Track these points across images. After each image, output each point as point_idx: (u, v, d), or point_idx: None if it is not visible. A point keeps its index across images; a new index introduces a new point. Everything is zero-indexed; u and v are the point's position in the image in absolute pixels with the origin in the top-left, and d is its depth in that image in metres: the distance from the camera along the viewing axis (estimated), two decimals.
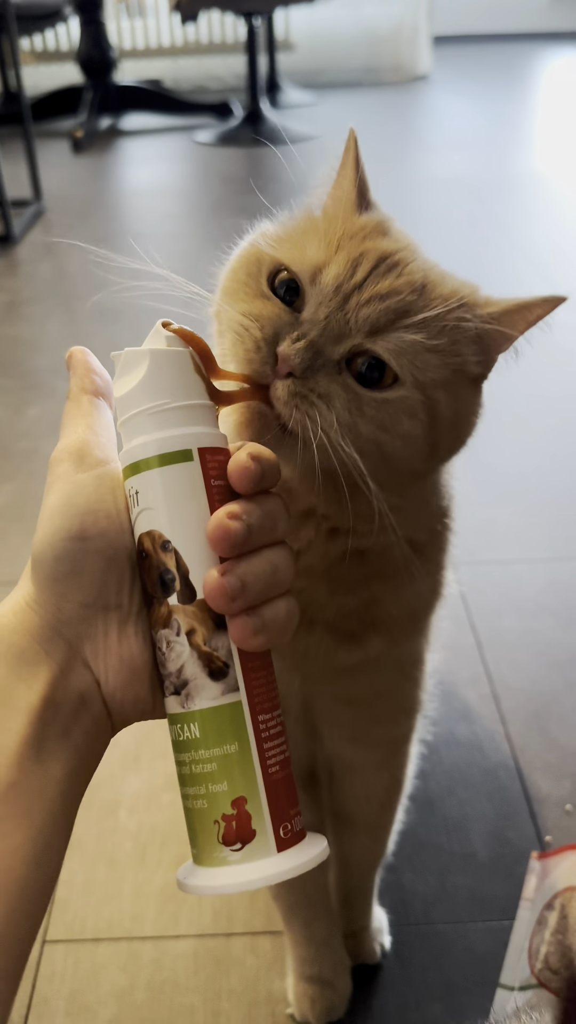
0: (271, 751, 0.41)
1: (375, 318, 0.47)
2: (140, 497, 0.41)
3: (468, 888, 0.91)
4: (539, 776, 1.02)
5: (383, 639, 0.59)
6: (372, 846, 0.80)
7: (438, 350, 0.48)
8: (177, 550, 0.40)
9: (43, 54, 4.70)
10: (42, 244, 2.67)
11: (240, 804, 0.40)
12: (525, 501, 1.48)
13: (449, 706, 1.11)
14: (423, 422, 0.48)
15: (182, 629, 0.40)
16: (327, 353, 0.46)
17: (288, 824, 0.41)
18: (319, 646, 0.58)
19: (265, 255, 0.51)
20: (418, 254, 0.52)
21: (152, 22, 4.69)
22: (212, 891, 0.40)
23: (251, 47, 3.73)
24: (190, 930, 0.88)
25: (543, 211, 2.82)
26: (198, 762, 0.40)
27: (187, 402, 0.41)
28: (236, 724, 0.40)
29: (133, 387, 0.41)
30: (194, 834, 0.41)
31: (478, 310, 0.50)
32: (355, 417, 0.46)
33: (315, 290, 0.47)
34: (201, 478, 0.41)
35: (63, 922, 0.89)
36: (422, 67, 4.76)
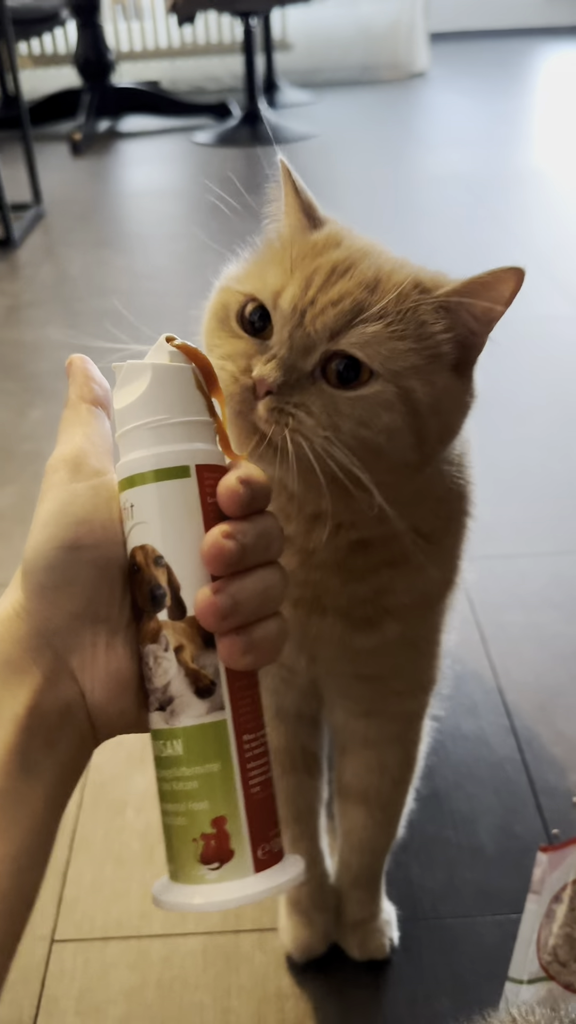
0: (254, 771, 0.41)
1: (331, 323, 0.49)
2: (135, 511, 0.41)
3: (476, 882, 0.91)
4: (546, 769, 1.02)
5: (398, 624, 0.60)
6: (384, 824, 0.80)
7: (403, 336, 0.50)
8: (169, 566, 0.40)
9: (41, 58, 4.71)
10: (42, 247, 2.68)
11: (220, 824, 0.40)
12: (528, 496, 1.48)
13: (455, 701, 1.11)
14: (402, 413, 0.49)
15: (170, 645, 0.40)
16: (299, 367, 0.49)
17: (267, 845, 0.41)
18: (332, 631, 0.59)
19: (231, 297, 0.54)
20: (372, 254, 0.54)
21: (149, 24, 4.69)
22: (188, 908, 0.40)
23: (248, 47, 3.73)
24: (199, 928, 0.88)
25: (542, 207, 2.82)
26: (180, 779, 0.40)
27: (187, 418, 0.41)
28: (220, 743, 0.40)
29: (133, 400, 0.41)
30: (172, 850, 0.41)
31: (437, 292, 0.51)
32: (334, 418, 0.48)
33: (278, 314, 0.50)
34: (197, 495, 0.41)
35: (72, 921, 0.89)
36: (419, 64, 4.76)
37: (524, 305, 2.00)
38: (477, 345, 0.52)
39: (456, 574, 0.64)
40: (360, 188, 3.05)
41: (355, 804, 0.79)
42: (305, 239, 0.55)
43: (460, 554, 0.64)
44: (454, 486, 0.58)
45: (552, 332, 2.00)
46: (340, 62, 4.78)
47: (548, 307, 2.10)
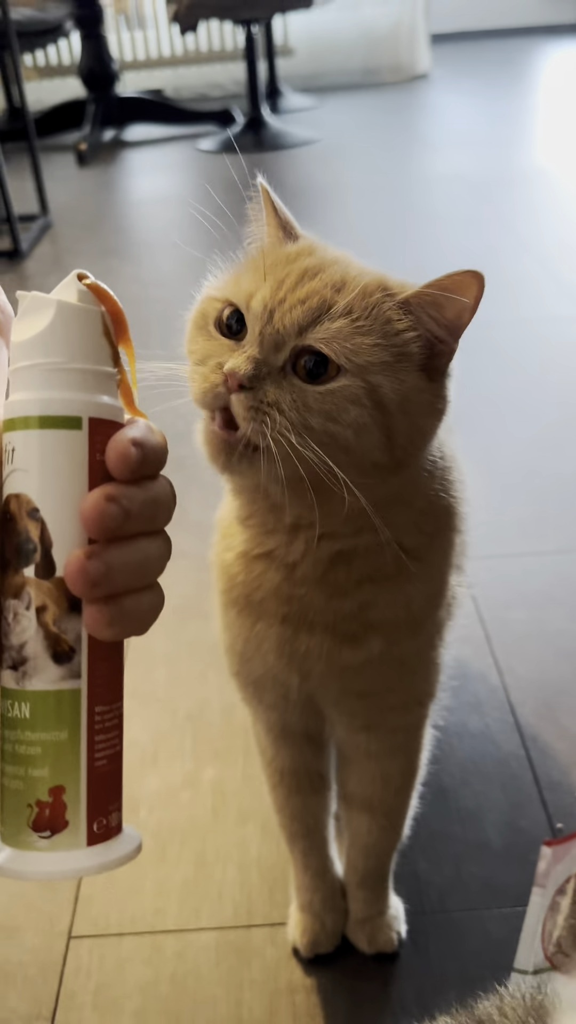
0: (102, 744, 0.39)
1: (299, 319, 0.52)
2: (15, 455, 0.38)
3: (482, 876, 0.93)
4: (550, 765, 1.04)
5: (382, 639, 0.61)
6: (389, 830, 0.82)
7: (368, 332, 0.52)
8: (44, 520, 0.37)
9: (46, 69, 4.75)
10: (50, 257, 2.71)
11: (58, 793, 0.38)
12: (532, 494, 1.50)
13: (460, 699, 1.13)
14: (369, 408, 0.51)
15: (32, 604, 0.38)
16: (270, 362, 0.51)
17: (104, 819, 0.40)
18: (320, 647, 0.61)
19: (209, 306, 0.57)
20: (341, 261, 0.56)
21: (152, 33, 4.73)
22: (11, 874, 0.38)
23: (250, 54, 3.76)
24: (211, 923, 0.90)
25: (547, 206, 2.83)
26: (22, 743, 0.38)
27: (86, 365, 0.38)
28: (70, 712, 0.38)
29: (32, 336, 0.38)
30: (5, 812, 0.39)
31: (401, 295, 0.53)
32: (303, 414, 0.50)
33: (251, 314, 0.53)
34: (86, 450, 0.37)
35: (88, 918, 0.91)
36: (421, 66, 4.77)
37: (529, 306, 2.03)
38: (445, 351, 0.54)
39: (444, 591, 0.65)
40: (364, 191, 3.07)
41: (359, 812, 0.81)
42: (280, 250, 0.58)
43: (448, 571, 0.64)
44: (438, 500, 0.59)
45: (557, 332, 2.01)
46: (342, 66, 4.80)
47: (553, 307, 2.12)
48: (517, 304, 2.15)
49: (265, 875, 0.94)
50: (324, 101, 4.48)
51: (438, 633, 0.68)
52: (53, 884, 0.95)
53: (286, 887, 0.91)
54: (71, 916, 0.92)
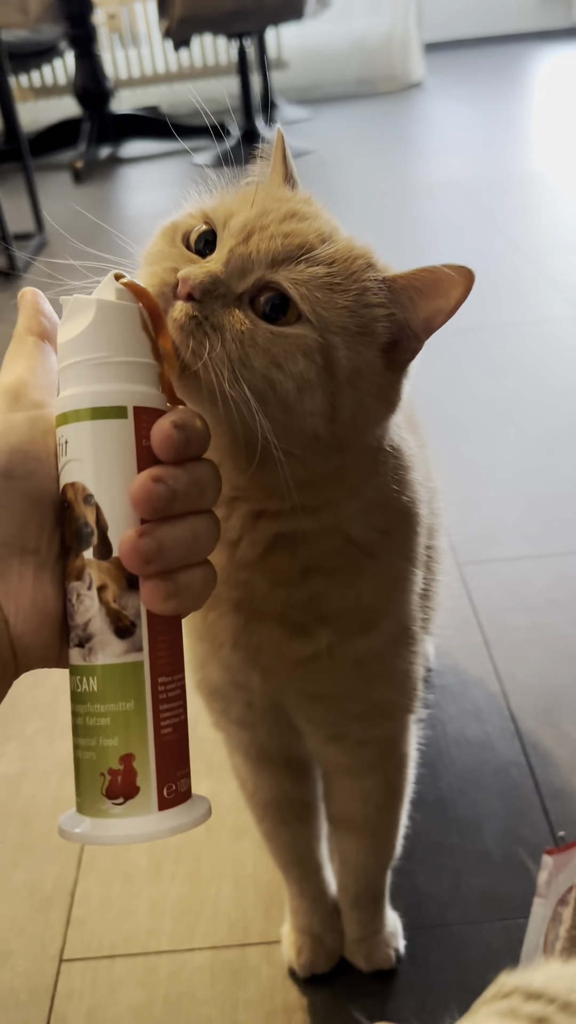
0: (167, 713, 0.41)
1: (277, 249, 0.47)
2: (69, 447, 0.40)
3: (482, 888, 0.91)
4: (551, 772, 1.01)
5: (332, 633, 0.58)
6: (375, 850, 0.79)
7: (342, 291, 0.48)
8: (99, 505, 0.40)
9: (41, 89, 4.78)
10: (46, 275, 2.71)
11: (128, 760, 0.40)
12: (531, 498, 1.48)
13: (459, 706, 1.11)
14: (318, 367, 0.46)
15: (94, 584, 0.40)
16: (230, 285, 0.46)
17: (173, 785, 0.42)
18: (271, 639, 0.58)
19: (183, 220, 0.52)
20: (333, 223, 0.53)
21: (146, 50, 4.76)
22: (90, 840, 0.40)
23: (243, 68, 3.78)
24: (206, 942, 0.88)
25: (541, 209, 2.82)
26: (92, 715, 0.41)
27: (129, 359, 0.41)
28: (135, 683, 0.41)
29: (76, 335, 0.41)
30: (80, 783, 0.42)
31: (384, 271, 0.50)
32: (247, 348, 0.45)
33: (226, 232, 0.48)
34: (133, 437, 0.40)
35: (80, 940, 0.90)
36: (415, 75, 4.79)
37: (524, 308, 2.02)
38: (411, 347, 0.50)
39: (403, 592, 0.61)
40: (360, 200, 3.07)
41: (344, 832, 0.79)
42: (276, 189, 0.54)
43: (406, 572, 0.60)
44: (392, 496, 0.56)
45: (553, 334, 1.99)
46: (336, 77, 4.82)
47: (548, 309, 2.10)
48: (513, 307, 2.13)
49: (261, 891, 0.92)
50: (319, 112, 4.49)
51: (404, 640, 0.64)
52: (44, 907, 0.93)
53: (282, 903, 0.89)
54: (63, 939, 0.90)
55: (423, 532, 0.61)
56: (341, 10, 4.62)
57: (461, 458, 1.59)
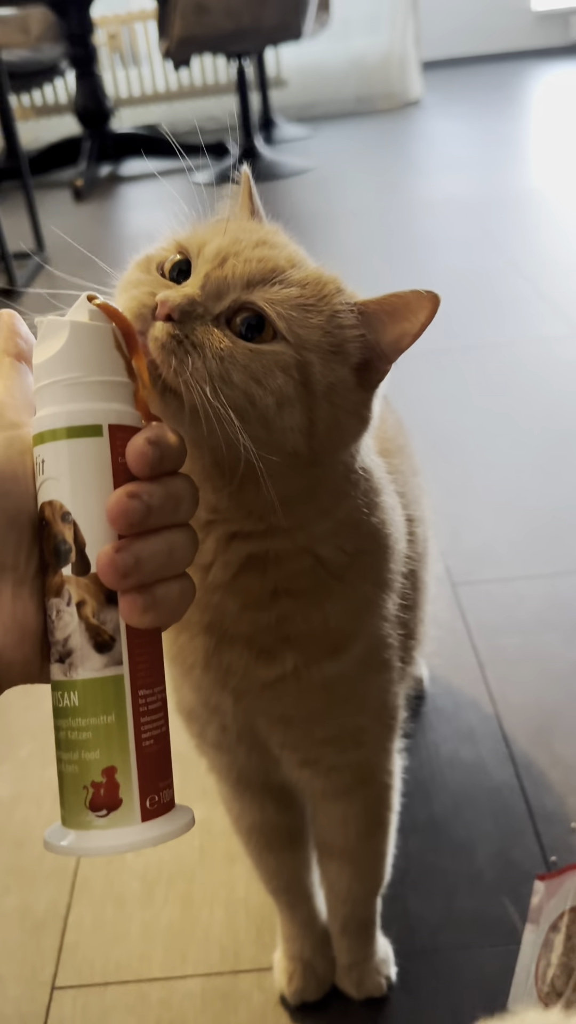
0: (148, 725, 0.42)
1: (251, 272, 0.49)
2: (46, 466, 0.41)
3: (474, 911, 0.91)
4: (543, 794, 1.01)
5: (298, 655, 0.58)
6: (359, 876, 0.79)
7: (315, 311, 0.50)
8: (76, 522, 0.41)
9: (42, 108, 4.82)
10: (46, 294, 2.73)
11: (110, 773, 0.41)
12: (525, 517, 1.48)
13: (452, 727, 1.11)
14: (296, 382, 0.48)
15: (72, 600, 0.41)
16: (208, 307, 0.47)
17: (156, 796, 0.42)
18: (239, 661, 0.58)
19: (156, 252, 0.53)
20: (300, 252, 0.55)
21: (146, 70, 4.80)
22: (74, 852, 0.41)
23: (242, 87, 3.81)
24: (197, 969, 0.88)
25: (538, 227, 2.84)
26: (74, 729, 0.41)
27: (103, 378, 0.42)
28: (115, 696, 0.41)
29: (51, 356, 0.41)
30: (64, 797, 0.42)
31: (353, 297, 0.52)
32: (227, 365, 0.46)
33: (200, 260, 0.50)
34: (109, 454, 0.41)
35: (72, 967, 0.89)
36: (413, 93, 4.82)
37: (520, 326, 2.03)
38: (380, 368, 0.52)
39: (372, 617, 0.61)
40: (358, 218, 3.09)
41: (328, 857, 0.78)
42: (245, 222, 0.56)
43: (376, 597, 0.61)
44: (362, 518, 0.57)
45: (548, 352, 2.00)
46: (335, 95, 4.85)
47: (544, 327, 2.11)
48: (509, 325, 2.14)
49: (252, 916, 0.92)
50: (318, 130, 4.52)
51: (375, 666, 0.64)
52: (36, 931, 0.93)
53: (274, 928, 0.89)
54: (55, 965, 0.90)
55: (394, 557, 0.61)
56: (339, 29, 4.66)
57: (456, 477, 1.60)
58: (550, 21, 5.47)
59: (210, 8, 3.31)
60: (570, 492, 1.53)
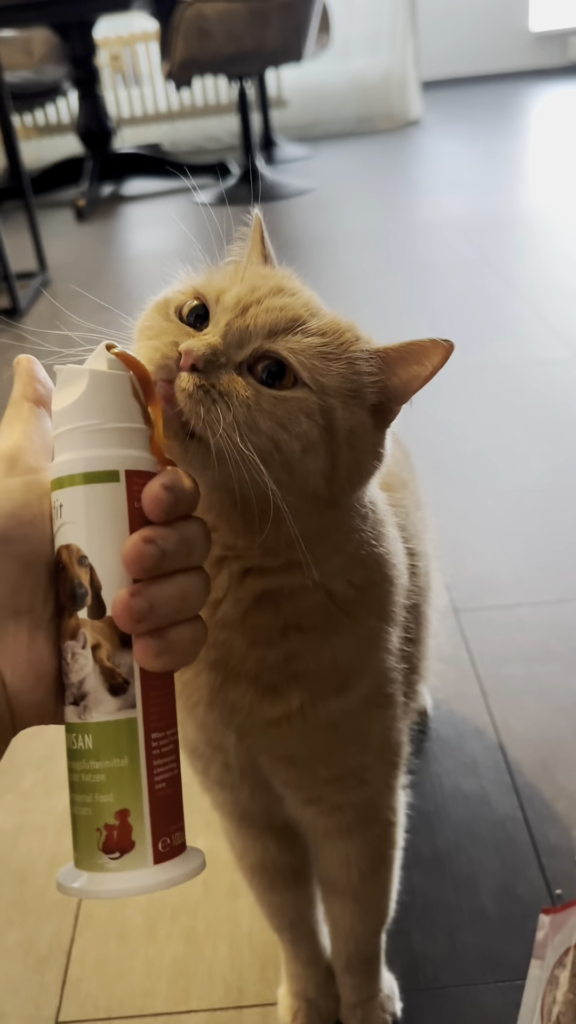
0: (160, 768, 0.42)
1: (273, 322, 0.50)
2: (63, 510, 0.42)
3: (478, 948, 0.90)
4: (547, 827, 1.01)
5: (304, 693, 0.58)
6: (361, 914, 0.78)
7: (334, 358, 0.51)
8: (92, 566, 0.41)
9: (45, 128, 4.85)
10: (48, 314, 2.74)
11: (123, 816, 0.41)
12: (527, 544, 1.49)
13: (456, 759, 1.11)
14: (320, 427, 0.49)
15: (88, 642, 0.41)
16: (230, 355, 0.48)
17: (167, 839, 0.43)
18: (243, 699, 0.58)
19: (173, 296, 0.54)
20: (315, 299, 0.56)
21: (148, 90, 4.84)
22: (87, 894, 0.41)
23: (243, 108, 3.83)
24: (201, 1004, 0.88)
25: (538, 248, 2.85)
26: (88, 772, 0.42)
27: (120, 424, 0.42)
28: (129, 740, 0.42)
29: (70, 403, 0.42)
30: (77, 838, 0.43)
31: (370, 345, 0.53)
32: (254, 413, 0.47)
33: (219, 308, 0.51)
34: (125, 499, 0.42)
35: (76, 1001, 0.89)
36: (413, 113, 4.86)
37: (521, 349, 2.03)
38: (394, 409, 0.54)
39: (378, 651, 0.62)
40: (358, 238, 3.11)
41: (331, 895, 0.78)
42: (258, 267, 0.57)
43: (381, 630, 0.61)
44: (370, 550, 0.57)
45: (549, 375, 2.01)
46: (335, 115, 4.89)
47: (545, 351, 2.12)
48: (509, 348, 2.15)
49: (257, 951, 0.92)
50: (319, 150, 4.56)
51: (379, 702, 0.64)
52: (40, 966, 0.93)
53: (278, 963, 0.89)
54: (58, 1000, 0.89)
55: (398, 590, 0.62)
56: (340, 50, 4.70)
57: (457, 502, 1.60)
58: (548, 42, 5.51)
59: (212, 32, 3.34)
60: (573, 518, 1.54)
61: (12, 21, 3.63)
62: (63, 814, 1.08)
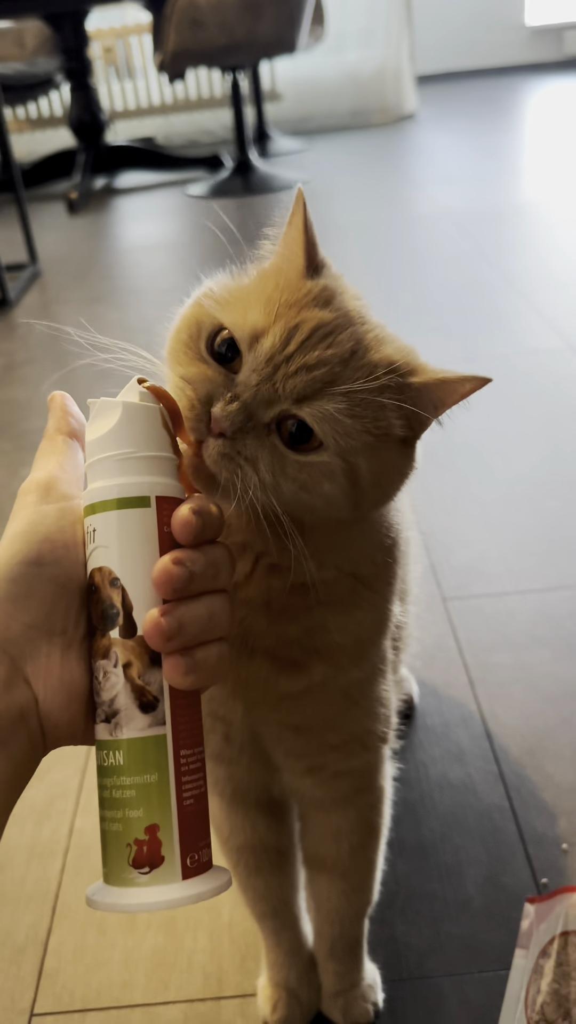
0: (188, 785, 0.44)
1: (301, 388, 0.49)
2: (96, 535, 0.44)
3: (462, 937, 0.89)
4: (534, 816, 1.00)
5: (327, 666, 0.60)
6: (351, 894, 0.78)
7: (360, 417, 0.51)
8: (124, 587, 0.43)
9: (37, 121, 4.83)
10: (38, 306, 2.72)
11: (153, 831, 0.43)
12: (516, 532, 1.47)
13: (442, 748, 1.10)
14: (342, 485, 0.50)
15: (119, 661, 0.43)
16: (257, 416, 0.49)
17: (196, 855, 0.44)
18: (259, 673, 0.59)
19: (206, 318, 0.53)
20: (356, 320, 0.53)
21: (141, 82, 4.81)
22: (117, 909, 0.42)
23: (236, 100, 3.82)
24: (180, 995, 0.86)
25: (531, 240, 2.84)
26: (119, 788, 0.43)
27: (151, 453, 0.45)
28: (159, 756, 0.43)
29: (104, 433, 0.44)
30: (107, 854, 0.44)
31: (408, 378, 0.51)
32: (278, 478, 0.49)
33: (251, 356, 0.50)
34: (155, 524, 0.44)
35: (52, 994, 0.87)
36: (408, 106, 4.84)
37: (513, 340, 2.01)
38: (423, 428, 0.54)
39: (389, 619, 0.64)
40: (353, 231, 3.09)
41: (319, 873, 0.77)
42: (298, 285, 0.53)
43: (392, 599, 0.63)
44: (387, 530, 0.59)
45: (541, 365, 2.00)
46: (330, 109, 4.87)
47: (537, 340, 2.11)
48: (501, 338, 2.14)
49: (237, 941, 0.91)
50: (313, 143, 4.54)
51: (381, 668, 0.65)
52: (16, 958, 0.91)
53: (258, 954, 0.87)
54: (34, 992, 0.88)
55: (403, 558, 0.64)
56: (334, 43, 4.68)
57: (447, 491, 1.58)
58: (544, 36, 5.50)
59: (204, 22, 3.32)
60: (562, 507, 1.52)
61: (4, 12, 3.60)
62: (42, 805, 1.07)
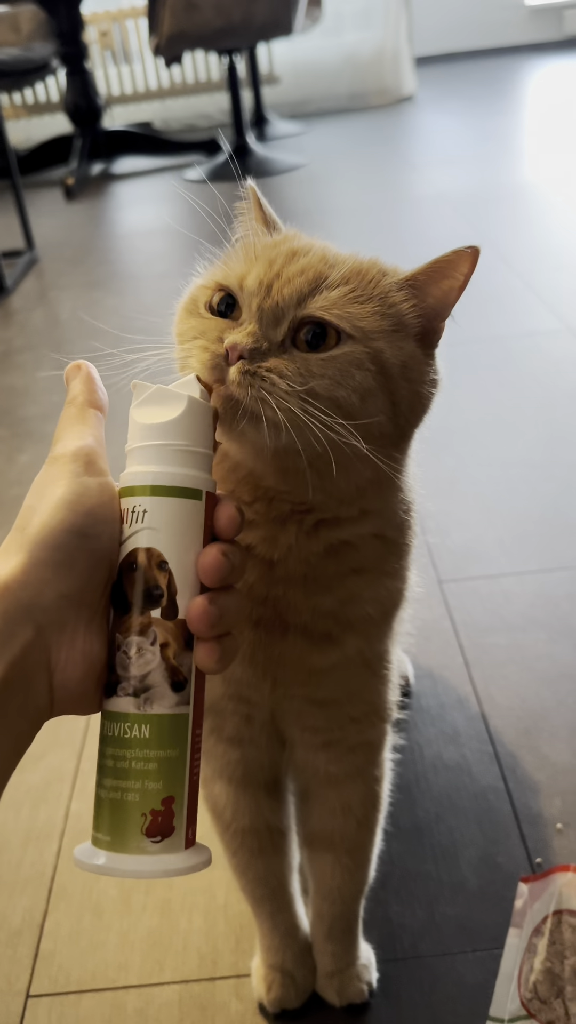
0: (197, 761, 0.47)
1: (298, 289, 0.52)
2: (147, 516, 0.46)
3: (457, 918, 0.89)
4: (529, 796, 1.00)
5: (359, 638, 0.61)
6: (354, 870, 0.78)
7: (366, 299, 0.53)
8: (172, 571, 0.45)
9: (33, 106, 4.80)
10: (35, 292, 2.71)
11: (169, 803, 0.45)
12: (513, 514, 1.46)
13: (437, 728, 1.10)
14: (373, 372, 0.51)
15: (157, 640, 0.45)
16: (270, 336, 0.51)
17: (193, 827, 0.47)
18: (292, 651, 0.60)
19: (199, 292, 0.56)
20: (328, 247, 0.58)
21: (138, 67, 4.77)
22: (130, 875, 0.44)
23: (233, 84, 3.79)
24: (175, 976, 0.87)
25: (529, 222, 2.82)
26: (140, 759, 0.45)
27: (204, 450, 0.47)
28: (181, 733, 0.46)
29: (166, 422, 0.46)
30: (115, 822, 0.45)
31: (397, 274, 0.55)
32: (308, 379, 0.49)
33: (245, 293, 0.53)
34: (203, 516, 0.46)
35: (47, 975, 0.88)
36: (407, 88, 4.80)
37: (512, 321, 2.00)
38: (437, 328, 0.56)
39: (406, 586, 0.65)
40: (351, 213, 3.07)
41: (322, 851, 0.77)
42: (264, 239, 0.59)
43: (410, 567, 0.65)
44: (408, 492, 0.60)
45: (539, 347, 1.98)
46: (328, 91, 4.83)
47: (535, 322, 2.09)
48: (500, 320, 2.12)
49: (232, 922, 0.91)
50: (311, 126, 4.50)
51: (392, 637, 0.67)
52: (12, 940, 0.91)
53: (252, 935, 0.88)
54: (30, 973, 0.88)
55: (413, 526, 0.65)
56: (332, 25, 4.64)
57: (444, 473, 1.58)
58: (543, 16, 5.44)
59: (200, 4, 3.29)
60: (559, 489, 1.51)
61: None
62: (38, 788, 1.07)
